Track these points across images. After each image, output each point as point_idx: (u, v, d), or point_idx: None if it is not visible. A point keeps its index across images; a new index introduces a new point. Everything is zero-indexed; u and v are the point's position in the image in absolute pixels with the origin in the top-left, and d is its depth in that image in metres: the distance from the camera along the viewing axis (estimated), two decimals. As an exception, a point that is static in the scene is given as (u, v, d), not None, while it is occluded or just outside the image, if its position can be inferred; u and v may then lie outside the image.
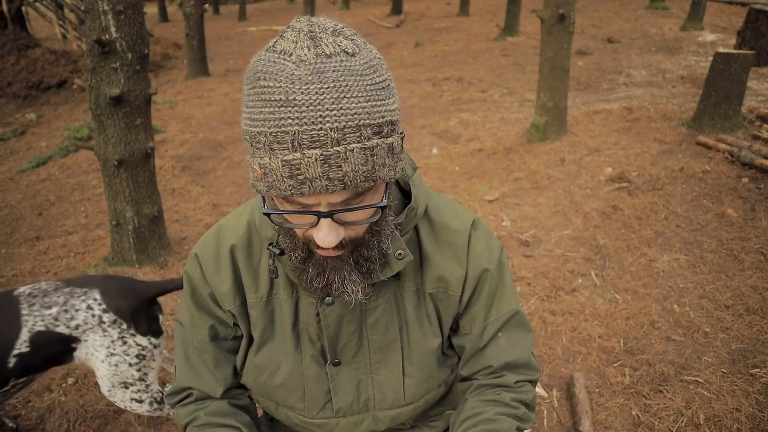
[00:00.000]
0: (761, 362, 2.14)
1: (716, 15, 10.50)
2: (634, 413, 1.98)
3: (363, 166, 0.64)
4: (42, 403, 2.17)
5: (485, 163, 4.43)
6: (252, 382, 0.96)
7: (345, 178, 0.63)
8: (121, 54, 2.68)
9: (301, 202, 0.67)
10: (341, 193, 0.66)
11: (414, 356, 0.93)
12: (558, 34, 4.31)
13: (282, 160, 0.62)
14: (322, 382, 0.94)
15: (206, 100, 7.18)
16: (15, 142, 6.24)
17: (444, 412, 1.10)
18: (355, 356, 0.93)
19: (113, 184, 2.92)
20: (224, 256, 0.91)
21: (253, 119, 0.64)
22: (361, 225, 0.73)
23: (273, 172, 0.64)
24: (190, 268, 0.94)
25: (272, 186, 0.65)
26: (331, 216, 0.68)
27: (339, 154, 0.62)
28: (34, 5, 11.19)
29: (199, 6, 8.29)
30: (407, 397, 0.96)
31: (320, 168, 0.62)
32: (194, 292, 0.94)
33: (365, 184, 0.65)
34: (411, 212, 0.85)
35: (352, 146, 0.62)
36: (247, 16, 17.70)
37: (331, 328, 0.89)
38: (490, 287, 0.92)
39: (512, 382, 0.95)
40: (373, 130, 0.64)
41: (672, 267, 2.82)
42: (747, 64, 4.10)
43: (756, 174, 3.61)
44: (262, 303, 0.91)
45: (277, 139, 0.63)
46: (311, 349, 0.92)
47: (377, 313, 0.90)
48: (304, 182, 0.63)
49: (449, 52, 9.03)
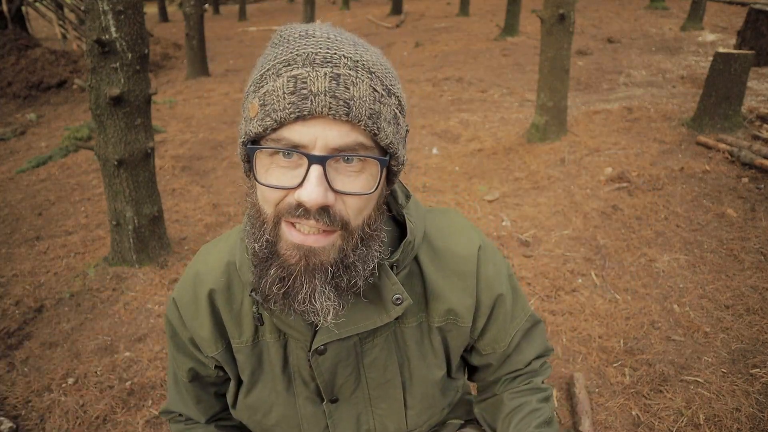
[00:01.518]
0: (761, 362, 2.14)
1: (716, 15, 10.50)
2: (634, 413, 1.98)
3: (370, 102, 0.59)
4: (42, 403, 2.17)
5: (485, 163, 4.43)
6: (247, 420, 0.94)
7: (350, 103, 0.58)
8: (121, 54, 2.68)
9: (293, 141, 0.60)
10: (340, 129, 0.59)
11: (416, 389, 0.90)
12: (558, 34, 4.31)
13: (288, 76, 0.58)
14: (319, 420, 0.90)
15: (206, 100, 7.18)
16: (15, 142, 6.24)
17: (446, 422, 1.09)
18: (354, 393, 0.88)
19: (113, 184, 2.91)
20: (202, 301, 0.84)
21: (264, 65, 0.62)
22: (352, 199, 0.64)
23: (273, 93, 0.59)
24: (169, 312, 0.90)
25: (268, 112, 0.59)
26: (324, 163, 0.59)
27: (350, 76, 0.59)
28: (34, 5, 11.19)
29: (199, 6, 8.29)
30: (410, 425, 0.94)
31: (328, 83, 0.57)
32: (174, 335, 0.91)
33: (369, 121, 0.60)
34: (408, 246, 0.78)
35: (362, 77, 0.60)
36: (247, 16, 17.70)
37: (325, 374, 0.83)
38: (506, 309, 0.89)
39: (537, 367, 0.98)
40: (383, 87, 0.62)
41: (672, 267, 2.82)
42: (747, 64, 4.10)
43: (756, 174, 3.61)
44: (248, 347, 0.85)
45: (288, 62, 0.59)
46: (305, 391, 0.87)
47: (374, 353, 0.84)
48: (306, 97, 0.57)
49: (449, 52, 9.02)
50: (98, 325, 2.64)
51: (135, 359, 2.39)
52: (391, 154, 0.67)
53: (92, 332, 2.59)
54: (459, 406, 1.11)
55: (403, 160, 0.70)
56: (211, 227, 3.62)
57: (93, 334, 2.58)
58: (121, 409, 2.12)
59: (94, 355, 2.43)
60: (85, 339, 2.55)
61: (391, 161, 0.68)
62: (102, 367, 2.35)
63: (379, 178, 0.65)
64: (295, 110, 0.58)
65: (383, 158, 0.64)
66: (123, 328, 2.62)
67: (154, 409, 2.12)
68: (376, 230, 0.69)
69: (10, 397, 2.21)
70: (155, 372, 2.30)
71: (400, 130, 0.66)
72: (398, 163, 0.70)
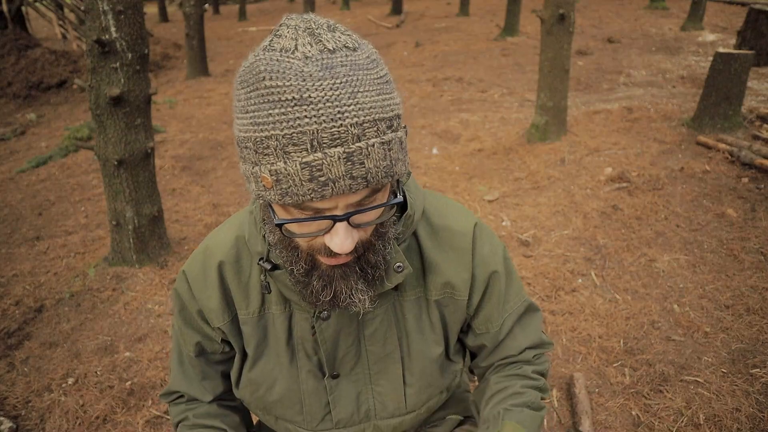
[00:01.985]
0: (761, 362, 2.14)
1: (716, 15, 10.50)
2: (634, 413, 1.98)
3: (383, 162, 0.62)
4: (42, 403, 2.17)
5: (485, 163, 4.43)
6: (249, 398, 0.96)
7: (368, 175, 0.61)
8: (121, 54, 2.68)
9: (315, 207, 0.63)
10: (360, 193, 0.63)
11: (415, 366, 0.92)
12: (558, 34, 4.31)
13: (301, 162, 0.58)
14: (321, 395, 0.92)
15: (206, 100, 7.18)
16: (15, 142, 6.24)
17: (446, 417, 1.10)
18: (354, 368, 0.91)
19: (113, 184, 2.91)
20: (212, 273, 0.88)
21: (260, 123, 0.60)
22: (371, 226, 0.71)
23: (289, 178, 0.60)
24: (178, 285, 0.93)
25: (287, 193, 0.61)
26: (348, 219, 0.64)
27: (361, 150, 0.59)
28: (34, 5, 11.19)
29: (199, 6, 8.29)
30: (409, 405, 0.95)
31: (343, 167, 0.59)
32: (183, 308, 0.93)
33: (385, 180, 0.63)
34: (408, 220, 0.83)
35: (372, 141, 0.60)
36: (247, 16, 17.70)
37: (328, 342, 0.87)
38: (500, 287, 0.91)
39: (530, 357, 0.98)
40: (387, 124, 0.63)
41: (672, 267, 2.82)
42: (747, 64, 4.10)
43: (756, 174, 3.61)
44: (255, 318, 0.89)
45: (293, 140, 0.58)
46: (308, 364, 0.90)
47: (375, 324, 0.88)
48: (326, 184, 0.59)
49: (449, 52, 9.02)
50: (98, 325, 2.64)
51: (135, 359, 2.39)
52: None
53: (92, 332, 2.59)
54: (457, 403, 1.11)
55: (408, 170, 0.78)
56: (211, 227, 3.62)
57: (93, 334, 2.58)
58: (121, 409, 2.12)
59: (94, 355, 2.43)
60: (85, 339, 2.55)
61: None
62: (102, 367, 2.35)
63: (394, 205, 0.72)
64: (317, 195, 0.60)
65: (399, 200, 0.69)
66: (123, 328, 2.62)
67: (154, 409, 2.12)
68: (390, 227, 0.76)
69: (10, 397, 2.21)
70: (155, 372, 2.30)
71: (404, 148, 0.67)
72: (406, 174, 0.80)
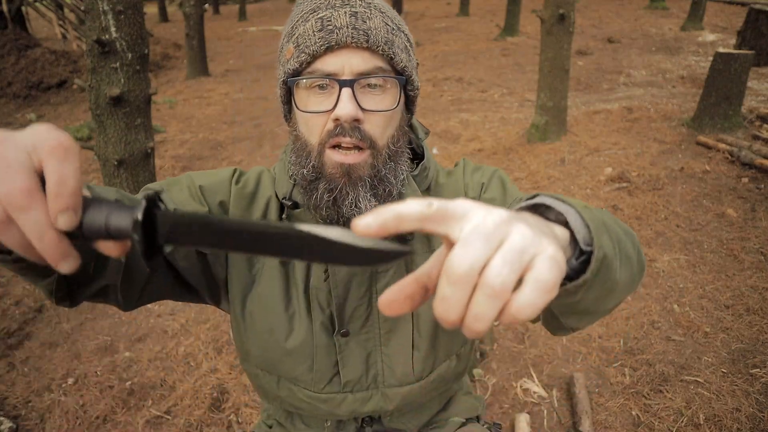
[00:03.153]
0: (761, 362, 2.14)
1: (716, 15, 10.51)
2: (634, 413, 1.98)
3: (384, 32, 0.75)
4: (42, 403, 2.17)
5: (485, 163, 4.42)
6: (259, 347, 0.91)
7: (368, 33, 0.73)
8: (121, 54, 2.68)
9: (325, 71, 0.74)
10: (363, 58, 0.73)
11: (423, 325, 0.92)
12: (558, 34, 4.31)
13: (315, 18, 0.74)
14: (331, 353, 0.91)
15: (206, 100, 7.18)
16: (15, 142, 6.24)
17: (449, 419, 1.09)
18: (364, 325, 0.91)
19: (113, 184, 2.91)
20: (259, 198, 0.90)
21: (293, 15, 0.79)
22: (379, 115, 0.76)
23: (304, 34, 0.74)
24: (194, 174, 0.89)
25: (302, 49, 0.74)
26: (353, 85, 0.73)
27: (365, 12, 0.75)
28: (34, 5, 11.19)
29: (199, 6, 8.29)
30: (416, 371, 0.94)
31: (348, 18, 0.73)
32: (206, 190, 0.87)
33: (386, 47, 0.74)
34: (424, 170, 0.90)
35: (375, 14, 0.76)
36: (247, 16, 17.70)
37: (339, 287, 0.87)
38: (494, 189, 0.90)
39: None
40: (394, 24, 0.78)
41: (672, 267, 2.82)
42: (747, 64, 4.10)
43: (756, 174, 3.61)
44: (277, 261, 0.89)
45: (313, 9, 0.76)
46: (321, 316, 0.90)
47: (387, 277, 0.88)
48: (332, 31, 0.72)
49: (449, 52, 9.02)
50: (98, 325, 2.64)
51: (135, 359, 2.39)
52: (407, 77, 0.79)
53: (92, 332, 2.59)
54: (460, 405, 1.10)
55: (417, 85, 0.84)
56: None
57: (93, 334, 2.58)
58: (121, 409, 2.12)
59: (94, 355, 2.43)
60: (85, 339, 2.55)
61: (407, 86, 0.81)
62: (102, 367, 2.35)
63: (399, 98, 0.78)
64: (325, 43, 0.72)
65: (400, 77, 0.77)
66: (123, 328, 2.62)
67: (154, 409, 2.12)
68: (400, 147, 0.82)
69: (10, 397, 2.21)
70: (155, 372, 2.30)
71: (411, 59, 0.80)
72: (413, 88, 0.83)
